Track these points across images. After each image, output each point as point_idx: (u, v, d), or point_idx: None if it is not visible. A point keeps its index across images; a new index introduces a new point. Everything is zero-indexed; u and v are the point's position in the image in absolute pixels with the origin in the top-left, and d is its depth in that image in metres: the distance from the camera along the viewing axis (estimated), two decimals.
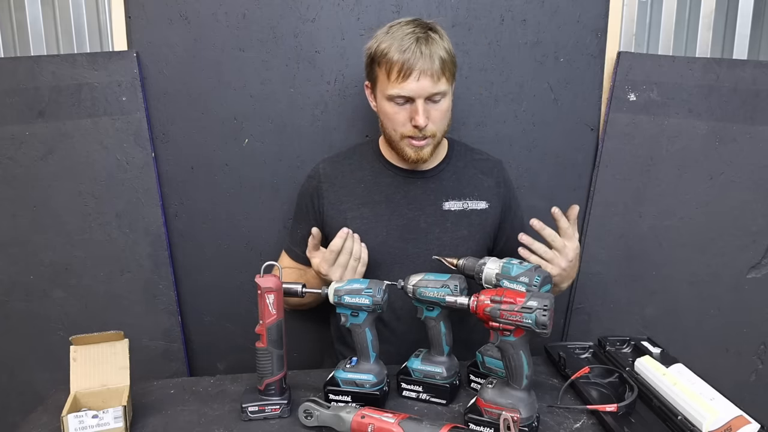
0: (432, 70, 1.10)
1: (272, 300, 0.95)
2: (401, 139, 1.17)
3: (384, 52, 1.12)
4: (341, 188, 1.27)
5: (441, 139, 1.20)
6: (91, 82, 1.41)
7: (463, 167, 1.29)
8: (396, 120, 1.16)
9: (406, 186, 1.26)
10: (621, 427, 0.89)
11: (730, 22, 1.55)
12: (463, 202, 1.25)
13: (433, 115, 1.14)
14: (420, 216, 1.24)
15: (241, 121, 1.47)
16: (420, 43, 1.10)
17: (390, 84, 1.12)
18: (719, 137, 1.49)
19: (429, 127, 1.14)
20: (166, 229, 1.47)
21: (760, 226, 1.50)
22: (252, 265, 1.50)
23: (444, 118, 1.18)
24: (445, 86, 1.13)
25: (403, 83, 1.10)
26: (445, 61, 1.12)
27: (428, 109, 1.13)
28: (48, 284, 1.45)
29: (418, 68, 1.09)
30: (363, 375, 1.00)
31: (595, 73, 1.52)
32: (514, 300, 0.86)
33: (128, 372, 1.00)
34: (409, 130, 1.15)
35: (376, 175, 1.27)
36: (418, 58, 1.09)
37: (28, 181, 1.42)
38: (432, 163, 1.27)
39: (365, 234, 1.17)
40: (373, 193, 1.25)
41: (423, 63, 1.09)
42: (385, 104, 1.16)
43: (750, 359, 1.55)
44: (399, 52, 1.10)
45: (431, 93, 1.12)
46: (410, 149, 1.17)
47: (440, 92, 1.13)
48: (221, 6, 1.43)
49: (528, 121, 1.53)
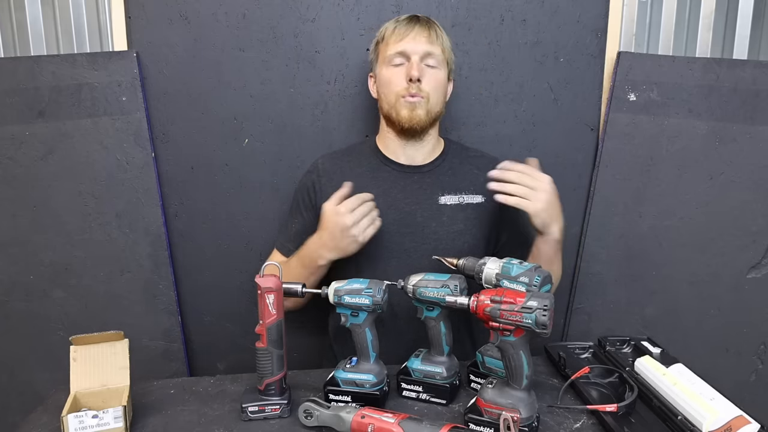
0: (428, 33, 1.20)
1: (272, 300, 0.95)
2: (397, 100, 1.21)
3: (385, 29, 1.25)
4: (339, 183, 1.27)
5: (436, 110, 1.23)
6: (91, 82, 1.41)
7: (459, 163, 1.31)
8: (393, 81, 1.21)
9: (402, 181, 1.27)
10: (621, 427, 0.89)
11: (730, 23, 1.55)
12: (459, 196, 1.26)
13: (427, 75, 1.20)
14: (416, 210, 1.24)
15: (241, 121, 1.48)
16: (417, 17, 1.23)
17: (389, 47, 1.22)
18: (719, 137, 1.49)
19: (423, 84, 1.19)
20: (166, 229, 1.47)
21: (760, 226, 1.50)
22: (252, 265, 1.50)
23: (438, 87, 1.22)
24: (440, 54, 1.21)
25: (399, 41, 1.20)
26: (443, 38, 1.23)
27: (423, 68, 1.19)
28: (48, 284, 1.45)
29: (415, 30, 1.20)
30: (363, 375, 1.00)
31: (595, 73, 1.52)
32: (514, 300, 0.86)
33: (128, 372, 1.00)
34: (403, 87, 1.20)
35: (373, 171, 1.29)
36: (415, 23, 1.21)
37: (28, 181, 1.42)
38: (428, 158, 1.29)
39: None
40: (369, 188, 1.26)
41: (419, 28, 1.21)
42: (384, 71, 1.23)
43: (750, 359, 1.55)
44: (397, 22, 1.23)
45: (426, 51, 1.19)
46: (405, 108, 1.21)
47: (435, 54, 1.20)
48: (221, 6, 1.43)
49: (528, 121, 1.53)
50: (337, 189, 1.26)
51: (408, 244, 1.23)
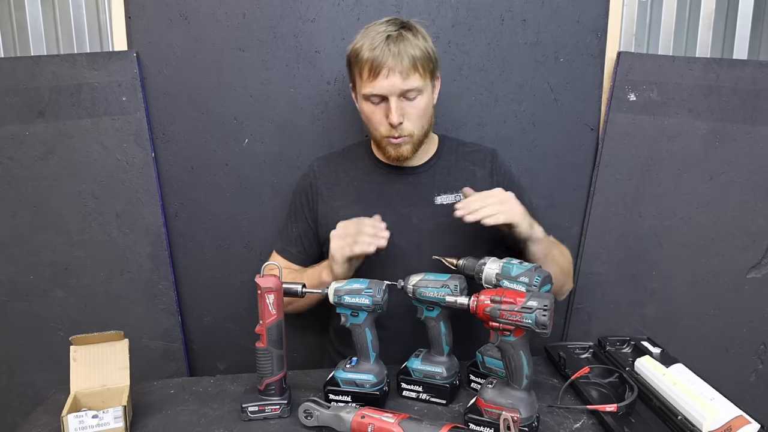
0: (401, 67, 1.10)
1: (272, 300, 0.95)
2: (381, 139, 1.19)
3: (356, 53, 1.15)
4: (334, 186, 1.28)
5: (422, 137, 1.20)
6: (91, 82, 1.41)
7: (454, 161, 1.30)
8: (373, 119, 1.17)
9: (397, 183, 1.26)
10: (621, 427, 0.89)
11: (730, 23, 1.55)
12: (455, 195, 1.24)
13: (408, 113, 1.15)
14: (412, 212, 1.24)
15: (241, 121, 1.48)
16: (389, 41, 1.11)
17: (363, 83, 1.14)
18: (719, 137, 1.49)
19: (405, 125, 1.15)
20: (166, 229, 1.47)
21: (760, 226, 1.50)
22: (252, 265, 1.50)
23: (422, 116, 1.17)
24: (418, 83, 1.13)
25: (373, 81, 1.12)
26: (417, 57, 1.12)
27: (403, 106, 1.14)
28: (48, 284, 1.45)
29: (386, 66, 1.10)
30: (363, 375, 1.00)
31: (595, 73, 1.52)
32: (514, 300, 0.86)
33: (128, 372, 1.00)
34: (386, 129, 1.16)
35: (368, 173, 1.28)
36: (386, 55, 1.10)
37: (28, 181, 1.42)
38: (422, 159, 1.28)
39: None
40: (364, 191, 1.26)
41: (392, 60, 1.10)
42: (363, 104, 1.18)
43: (750, 359, 1.55)
44: (369, 50, 1.12)
45: (402, 90, 1.12)
46: (390, 148, 1.19)
47: (413, 89, 1.13)
48: (221, 6, 1.43)
49: (528, 121, 1.53)
50: (332, 191, 1.27)
51: (405, 246, 1.22)
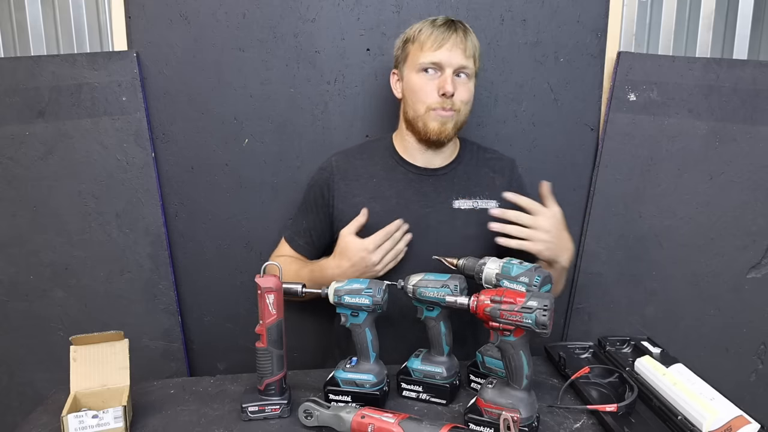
0: (464, 45, 1.17)
1: (272, 300, 0.95)
2: (427, 112, 1.19)
3: (419, 30, 1.20)
4: (353, 181, 1.27)
5: (463, 122, 1.22)
6: (91, 82, 1.41)
7: (475, 166, 1.30)
8: (424, 91, 1.18)
9: (417, 183, 1.26)
10: (621, 427, 0.89)
11: (730, 23, 1.55)
12: (473, 201, 1.25)
13: (459, 89, 1.18)
14: (430, 213, 1.24)
15: (241, 121, 1.47)
16: (454, 23, 1.19)
17: (423, 53, 1.18)
18: (719, 137, 1.49)
19: (455, 99, 1.18)
20: (166, 229, 1.47)
21: (760, 226, 1.50)
22: (252, 265, 1.50)
23: (468, 100, 1.21)
24: (472, 67, 1.19)
25: (436, 51, 1.16)
26: (476, 47, 1.21)
27: (456, 81, 1.18)
28: (48, 284, 1.45)
29: (451, 40, 1.16)
30: (363, 375, 1.00)
31: (595, 73, 1.52)
32: (514, 300, 0.86)
33: (128, 372, 1.00)
34: (436, 101, 1.18)
35: (388, 171, 1.28)
36: (452, 32, 1.17)
37: (28, 181, 1.42)
38: (444, 161, 1.28)
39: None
40: (384, 189, 1.25)
41: (456, 37, 1.17)
42: (414, 78, 1.20)
43: (750, 359, 1.55)
44: (434, 26, 1.18)
45: (461, 65, 1.17)
46: (436, 122, 1.19)
47: (469, 69, 1.18)
48: (221, 6, 1.43)
49: (528, 121, 1.53)
50: (351, 186, 1.26)
51: (420, 247, 1.22)
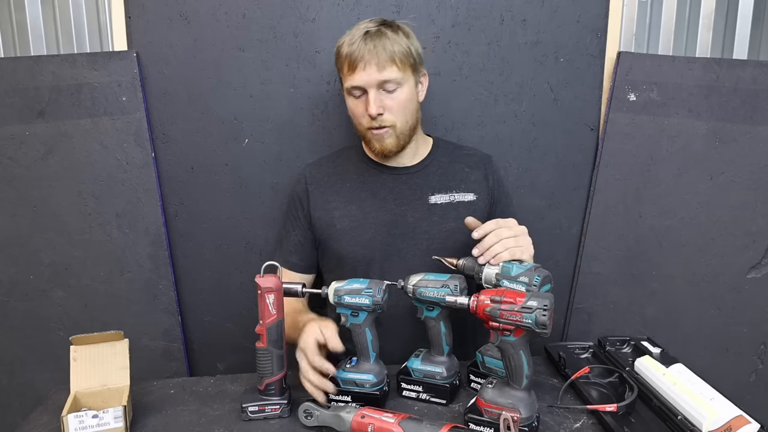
0: (378, 60, 1.13)
1: (272, 300, 0.95)
2: (365, 133, 1.21)
3: (338, 50, 1.19)
4: (327, 188, 1.28)
5: (407, 131, 1.20)
6: (91, 82, 1.41)
7: (448, 162, 1.30)
8: (356, 113, 1.20)
9: (391, 182, 1.26)
10: (621, 427, 0.89)
11: (730, 23, 1.55)
12: (449, 195, 1.25)
13: (388, 105, 1.16)
14: (407, 211, 1.24)
15: (241, 121, 1.47)
16: (367, 36, 1.15)
17: (344, 77, 1.18)
18: (719, 137, 1.49)
19: (386, 116, 1.17)
20: (166, 229, 1.47)
21: (760, 226, 1.50)
22: (252, 265, 1.50)
23: (403, 108, 1.18)
24: (395, 74, 1.14)
25: (352, 74, 1.15)
26: (395, 51, 1.15)
27: (382, 98, 1.16)
28: (48, 284, 1.45)
29: (363, 59, 1.14)
30: (363, 375, 1.00)
31: (595, 73, 1.52)
32: (514, 300, 0.86)
33: (128, 372, 1.00)
34: (367, 121, 1.18)
35: (361, 174, 1.28)
36: (363, 50, 1.14)
37: (28, 181, 1.42)
38: (415, 159, 1.28)
39: (353, 231, 1.19)
40: (358, 191, 1.26)
41: (368, 54, 1.13)
42: (348, 100, 1.21)
43: (750, 359, 1.55)
44: (348, 46, 1.16)
45: (379, 81, 1.14)
46: (375, 141, 1.20)
47: (390, 80, 1.14)
48: (221, 6, 1.43)
49: (528, 121, 1.53)
50: (325, 194, 1.26)
51: (400, 245, 1.22)
